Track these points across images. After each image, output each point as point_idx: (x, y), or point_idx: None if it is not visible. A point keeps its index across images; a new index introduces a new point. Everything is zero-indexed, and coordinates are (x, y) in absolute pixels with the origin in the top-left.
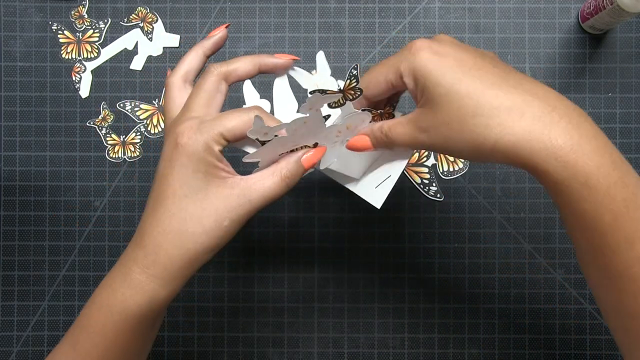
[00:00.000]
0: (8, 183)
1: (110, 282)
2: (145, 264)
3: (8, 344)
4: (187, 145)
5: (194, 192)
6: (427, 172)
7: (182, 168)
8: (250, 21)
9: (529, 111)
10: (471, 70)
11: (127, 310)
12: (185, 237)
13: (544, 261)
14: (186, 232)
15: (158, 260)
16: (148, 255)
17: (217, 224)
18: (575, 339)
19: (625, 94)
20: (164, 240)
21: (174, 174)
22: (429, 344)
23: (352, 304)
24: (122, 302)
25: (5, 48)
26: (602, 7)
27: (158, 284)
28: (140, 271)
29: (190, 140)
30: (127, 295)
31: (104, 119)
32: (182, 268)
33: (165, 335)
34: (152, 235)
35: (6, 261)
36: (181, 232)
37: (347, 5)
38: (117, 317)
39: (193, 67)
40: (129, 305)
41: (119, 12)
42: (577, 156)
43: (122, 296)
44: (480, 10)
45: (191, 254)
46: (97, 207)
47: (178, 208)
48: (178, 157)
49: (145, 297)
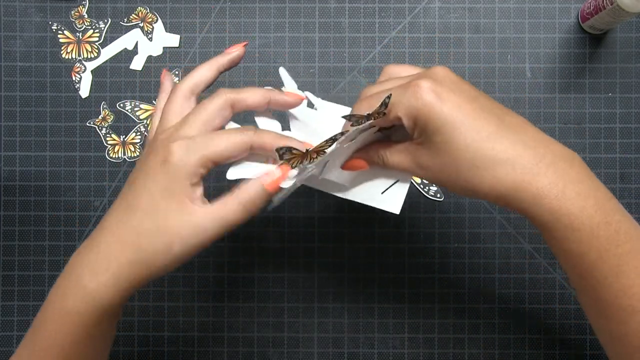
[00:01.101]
0: (8, 183)
1: (62, 287)
2: (96, 270)
3: (8, 344)
4: (174, 165)
5: (156, 211)
6: None
7: (158, 185)
8: (250, 21)
9: (520, 163)
10: (469, 119)
11: (80, 315)
12: (138, 252)
13: (544, 261)
14: (139, 247)
15: (109, 269)
16: (100, 261)
17: (167, 247)
18: (575, 339)
19: (625, 94)
20: (118, 250)
21: (148, 188)
22: (429, 344)
23: (352, 304)
24: (74, 307)
25: (5, 48)
26: (602, 7)
27: (109, 292)
28: (90, 278)
29: (180, 161)
30: (78, 302)
31: (104, 119)
32: (132, 280)
33: (165, 335)
34: (108, 243)
35: (6, 261)
36: (135, 245)
37: (347, 5)
38: (70, 322)
39: (203, 81)
40: (80, 311)
41: (119, 12)
42: (561, 202)
43: (74, 302)
44: (480, 10)
45: (143, 268)
46: (97, 207)
47: (139, 222)
48: (160, 173)
49: (97, 304)
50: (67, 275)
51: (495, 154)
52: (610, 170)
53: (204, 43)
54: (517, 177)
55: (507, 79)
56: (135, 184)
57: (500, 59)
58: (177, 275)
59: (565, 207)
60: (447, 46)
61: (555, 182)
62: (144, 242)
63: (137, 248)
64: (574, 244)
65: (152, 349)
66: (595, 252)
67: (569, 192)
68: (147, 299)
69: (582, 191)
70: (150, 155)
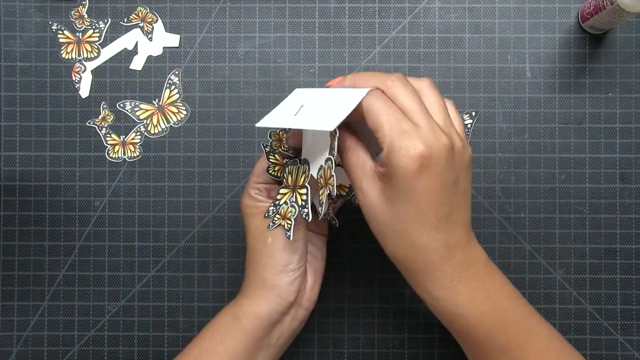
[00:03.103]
0: (8, 183)
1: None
2: (243, 291)
3: (8, 344)
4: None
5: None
6: None
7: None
8: (250, 21)
9: (430, 257)
10: (423, 204)
11: (240, 316)
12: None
13: (544, 261)
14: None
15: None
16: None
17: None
18: (575, 339)
19: (625, 94)
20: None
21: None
22: (429, 344)
23: (352, 304)
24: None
25: (5, 48)
26: (602, 7)
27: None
28: (241, 295)
29: (241, 206)
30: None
31: (104, 119)
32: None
33: (165, 335)
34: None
35: (6, 261)
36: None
37: (347, 5)
38: (237, 322)
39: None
40: (238, 313)
41: (119, 12)
42: (451, 301)
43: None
44: (480, 10)
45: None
46: (97, 207)
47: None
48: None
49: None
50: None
51: (415, 240)
52: (610, 170)
53: (204, 43)
54: (422, 263)
55: (507, 79)
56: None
57: (500, 59)
58: (177, 276)
59: (454, 304)
60: (447, 46)
61: (452, 284)
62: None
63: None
64: (464, 328)
65: (152, 349)
66: (483, 334)
67: (461, 291)
68: (147, 299)
69: (473, 287)
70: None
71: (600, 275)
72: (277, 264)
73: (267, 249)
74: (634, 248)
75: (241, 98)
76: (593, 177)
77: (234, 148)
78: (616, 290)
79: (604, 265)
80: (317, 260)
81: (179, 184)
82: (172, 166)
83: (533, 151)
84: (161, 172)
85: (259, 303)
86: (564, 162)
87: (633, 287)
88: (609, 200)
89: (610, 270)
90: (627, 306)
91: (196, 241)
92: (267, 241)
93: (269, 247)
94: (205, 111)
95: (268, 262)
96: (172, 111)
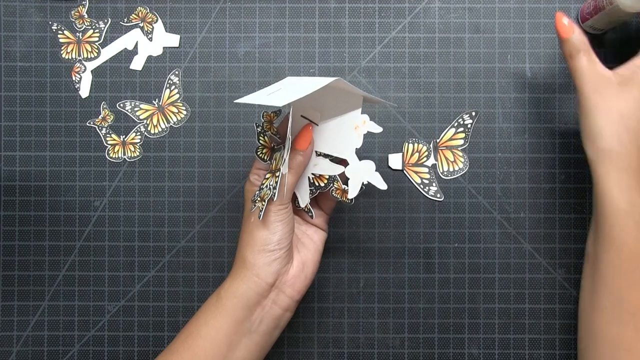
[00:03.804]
0: (8, 183)
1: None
2: (230, 273)
3: (8, 344)
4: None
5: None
6: (427, 172)
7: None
8: (250, 21)
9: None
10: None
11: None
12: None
13: (544, 261)
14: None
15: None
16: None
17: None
18: (575, 339)
19: None
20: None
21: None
22: (429, 344)
23: (352, 304)
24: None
25: (5, 48)
26: (602, 7)
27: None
28: (227, 276)
29: (244, 190)
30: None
31: (104, 119)
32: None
33: (165, 335)
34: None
35: (6, 261)
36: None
37: (347, 5)
38: (219, 301)
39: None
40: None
41: (119, 12)
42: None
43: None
44: (480, 10)
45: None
46: (97, 207)
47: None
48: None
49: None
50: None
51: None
52: None
53: (204, 43)
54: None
55: (507, 79)
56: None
57: (500, 59)
58: (177, 275)
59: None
60: (447, 46)
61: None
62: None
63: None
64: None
65: (152, 349)
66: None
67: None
68: (147, 299)
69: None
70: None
71: None
72: (255, 243)
73: (249, 228)
74: None
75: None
76: None
77: (234, 148)
78: None
79: None
80: (309, 251)
81: (179, 184)
82: (172, 166)
83: (533, 151)
84: (161, 172)
85: (237, 282)
86: (564, 162)
87: None
88: None
89: None
90: None
91: (196, 241)
92: (250, 221)
93: (251, 226)
94: (205, 111)
95: (248, 240)
96: (172, 111)
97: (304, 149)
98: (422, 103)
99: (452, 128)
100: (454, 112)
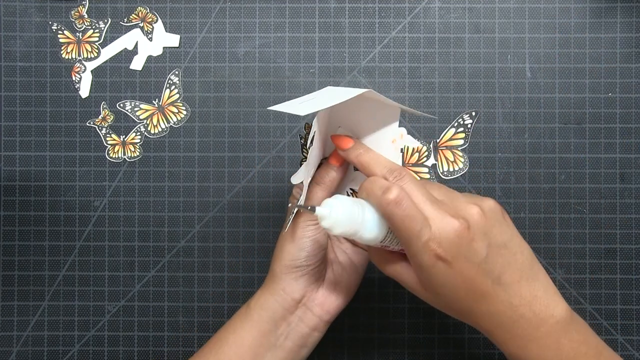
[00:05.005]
0: (8, 183)
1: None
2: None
3: (8, 344)
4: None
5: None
6: (427, 172)
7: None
8: (250, 21)
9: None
10: (467, 291)
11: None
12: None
13: (544, 261)
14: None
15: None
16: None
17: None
18: None
19: (625, 94)
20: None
21: None
22: (429, 343)
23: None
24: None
25: (5, 48)
26: None
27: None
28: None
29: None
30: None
31: (104, 119)
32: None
33: (165, 335)
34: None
35: (6, 261)
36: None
37: (347, 5)
38: (248, 311)
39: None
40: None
41: (119, 12)
42: (523, 358)
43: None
44: (480, 10)
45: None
46: (97, 207)
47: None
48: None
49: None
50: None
51: (474, 311)
52: (610, 170)
53: (204, 43)
54: (490, 326)
55: (507, 79)
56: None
57: (500, 59)
58: (177, 276)
59: (526, 356)
60: (447, 46)
61: (521, 336)
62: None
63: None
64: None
65: (152, 349)
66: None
67: (532, 345)
68: (147, 299)
69: (543, 345)
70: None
71: (600, 275)
72: (283, 257)
73: (280, 240)
74: (634, 248)
75: (241, 98)
76: (593, 177)
77: (234, 148)
78: (616, 290)
79: (603, 265)
80: (345, 272)
81: (179, 184)
82: (172, 166)
83: (533, 151)
84: (161, 172)
85: (266, 294)
86: (564, 162)
87: (633, 287)
88: (609, 200)
89: (610, 271)
90: (627, 306)
91: (196, 241)
92: (283, 232)
93: (282, 238)
94: (205, 111)
95: (278, 254)
96: (172, 111)
97: (338, 164)
98: (422, 103)
99: (452, 128)
100: (454, 112)
